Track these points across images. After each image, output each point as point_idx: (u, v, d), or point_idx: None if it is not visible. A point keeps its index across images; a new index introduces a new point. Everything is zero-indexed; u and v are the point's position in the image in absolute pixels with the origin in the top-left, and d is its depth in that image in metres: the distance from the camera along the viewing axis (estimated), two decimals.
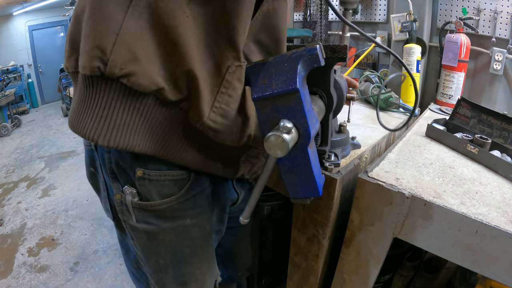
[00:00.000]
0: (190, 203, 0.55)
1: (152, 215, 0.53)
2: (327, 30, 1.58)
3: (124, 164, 0.50)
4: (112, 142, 0.44)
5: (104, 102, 0.43)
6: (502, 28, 1.07)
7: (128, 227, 0.57)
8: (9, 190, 2.88)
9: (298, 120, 0.42)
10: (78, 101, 0.46)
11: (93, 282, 1.76)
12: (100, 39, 0.40)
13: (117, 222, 0.60)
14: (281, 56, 0.43)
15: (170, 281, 0.62)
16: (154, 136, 0.46)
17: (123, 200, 0.53)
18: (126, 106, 0.43)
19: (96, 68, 0.41)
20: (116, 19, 0.40)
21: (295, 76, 0.41)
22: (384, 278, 1.00)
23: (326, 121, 0.64)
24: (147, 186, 0.51)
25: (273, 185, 0.80)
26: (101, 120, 0.44)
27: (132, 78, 0.41)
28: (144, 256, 0.60)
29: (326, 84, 0.62)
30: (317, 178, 0.48)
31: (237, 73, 0.45)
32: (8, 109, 4.82)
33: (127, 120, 0.44)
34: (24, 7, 5.60)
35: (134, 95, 0.43)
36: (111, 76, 0.41)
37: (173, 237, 0.57)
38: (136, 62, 0.41)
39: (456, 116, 0.91)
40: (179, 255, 0.59)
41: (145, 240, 0.57)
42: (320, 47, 0.41)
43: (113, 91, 0.43)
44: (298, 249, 0.79)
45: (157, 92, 0.42)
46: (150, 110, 0.44)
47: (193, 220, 0.57)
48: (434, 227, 0.55)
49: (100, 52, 0.40)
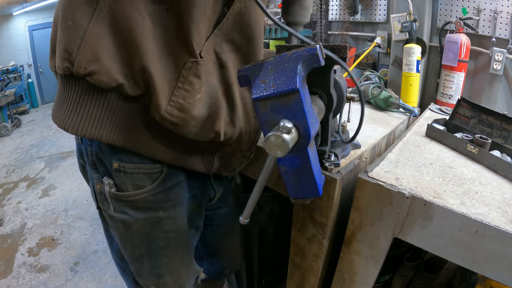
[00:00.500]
0: (163, 196, 0.58)
1: (127, 205, 0.57)
2: (327, 30, 1.58)
3: (103, 156, 0.55)
4: (80, 131, 0.49)
5: (74, 96, 0.49)
6: (502, 28, 1.07)
7: (107, 216, 0.60)
8: (9, 190, 2.88)
9: (298, 120, 0.42)
10: (57, 96, 0.53)
11: (93, 282, 1.76)
12: (68, 43, 0.46)
13: (100, 211, 0.63)
14: (281, 56, 0.43)
15: (147, 271, 0.66)
16: (120, 128, 0.50)
17: (102, 190, 0.57)
18: (92, 100, 0.49)
19: (66, 68, 0.47)
20: (81, 26, 0.45)
21: (295, 76, 0.41)
22: (384, 278, 1.00)
23: (326, 121, 0.64)
24: (123, 178, 0.55)
25: (273, 185, 0.80)
26: (72, 112, 0.49)
27: (95, 76, 0.46)
28: (122, 245, 0.64)
29: (326, 84, 0.61)
30: (317, 178, 0.48)
31: (193, 69, 0.48)
32: (8, 109, 4.82)
33: (93, 113, 0.49)
34: (24, 7, 5.60)
35: (98, 91, 0.48)
36: (77, 75, 0.46)
37: (147, 228, 0.60)
38: (98, 62, 0.45)
39: (456, 116, 0.91)
40: (153, 247, 0.63)
41: (122, 230, 0.60)
42: (320, 47, 0.42)
43: (81, 88, 0.49)
44: (298, 249, 0.79)
45: (118, 88, 0.47)
46: (114, 105, 0.49)
47: (166, 213, 0.60)
48: (434, 227, 0.55)
49: (68, 55, 0.46)
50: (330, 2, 1.54)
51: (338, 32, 1.57)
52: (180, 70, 0.48)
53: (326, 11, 1.55)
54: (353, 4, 1.41)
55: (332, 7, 1.54)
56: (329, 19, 1.57)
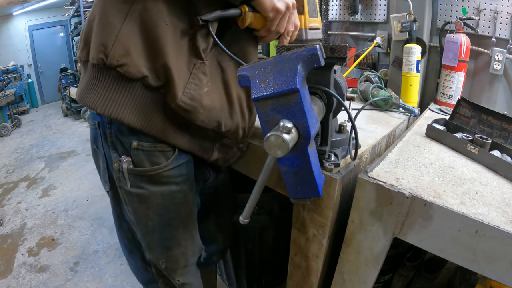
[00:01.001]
0: (175, 171, 0.68)
1: (144, 180, 0.66)
2: (327, 30, 1.58)
3: (122, 137, 0.64)
4: (107, 111, 0.59)
5: (104, 83, 0.59)
6: (502, 28, 1.07)
7: (123, 192, 0.68)
8: (9, 190, 2.88)
9: (298, 120, 0.42)
10: (87, 82, 0.62)
11: (93, 282, 1.76)
12: (104, 39, 0.56)
13: (113, 192, 0.72)
14: (281, 56, 0.43)
15: (157, 244, 0.74)
16: (140, 113, 0.60)
17: (120, 168, 0.65)
18: (120, 87, 0.59)
19: (100, 59, 0.57)
20: (116, 26, 0.56)
21: (295, 76, 0.41)
22: (384, 278, 1.00)
23: (326, 121, 0.64)
24: (141, 156, 0.64)
25: (273, 185, 0.80)
26: (102, 95, 0.59)
27: (125, 68, 0.56)
28: (136, 219, 0.71)
29: (326, 84, 0.61)
30: (317, 178, 0.48)
31: (201, 68, 0.61)
32: (8, 109, 4.82)
33: (120, 98, 0.59)
34: (24, 7, 5.61)
35: (126, 80, 0.58)
36: (110, 65, 0.56)
37: (160, 200, 0.69)
38: (128, 56, 0.56)
39: (456, 116, 0.91)
40: (165, 219, 0.71)
41: (137, 204, 0.68)
42: (320, 47, 0.42)
43: (111, 76, 0.59)
44: (298, 249, 0.79)
45: (142, 79, 0.57)
46: (137, 93, 0.59)
47: (178, 187, 0.70)
48: (434, 227, 0.55)
49: (104, 48, 0.56)
50: (330, 2, 1.54)
51: (338, 32, 1.57)
52: (191, 69, 0.60)
53: (326, 11, 1.55)
54: (353, 4, 1.41)
55: (332, 7, 1.54)
56: (329, 19, 1.57)
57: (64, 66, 6.22)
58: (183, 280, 0.82)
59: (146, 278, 0.84)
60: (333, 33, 1.59)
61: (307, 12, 0.82)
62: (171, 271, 0.79)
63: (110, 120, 0.64)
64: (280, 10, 0.62)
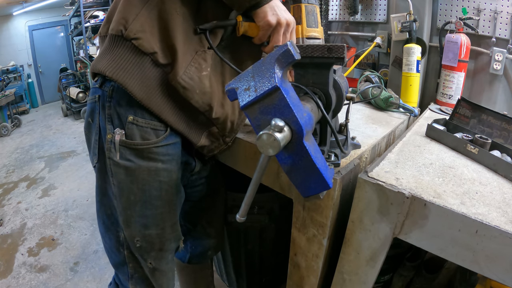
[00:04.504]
0: (163, 150, 0.72)
1: (133, 153, 0.70)
2: (327, 30, 1.58)
3: (119, 110, 0.69)
4: (115, 76, 0.66)
5: (118, 52, 0.67)
6: (502, 28, 1.07)
7: (111, 163, 0.72)
8: (9, 190, 2.88)
9: (286, 116, 0.43)
10: (102, 52, 0.70)
11: (93, 282, 1.76)
12: (126, 14, 0.65)
13: (100, 165, 0.75)
14: (259, 62, 0.45)
15: (135, 220, 0.76)
16: (143, 85, 0.66)
17: (113, 139, 0.70)
18: (131, 58, 0.66)
19: (120, 30, 0.65)
20: (138, 7, 0.65)
21: (272, 75, 0.42)
22: (384, 278, 1.00)
23: (325, 121, 0.64)
24: (134, 130, 0.69)
25: (271, 184, 0.80)
26: (113, 62, 0.66)
27: (139, 41, 0.64)
28: (119, 191, 0.74)
29: (325, 84, 0.62)
30: (322, 170, 0.48)
31: (202, 55, 0.69)
32: (8, 109, 4.82)
33: (130, 67, 0.66)
34: (24, 7, 5.61)
35: (138, 53, 0.66)
36: (127, 37, 0.65)
37: (146, 175, 0.73)
38: (144, 32, 0.65)
39: (456, 116, 0.91)
40: (147, 195, 0.74)
41: (123, 176, 0.72)
42: (291, 43, 0.44)
43: (125, 47, 0.66)
44: (298, 249, 0.79)
45: (152, 55, 0.65)
46: (145, 66, 0.66)
47: (164, 165, 0.74)
48: (434, 227, 0.55)
49: (125, 22, 0.65)
50: (330, 2, 1.54)
51: (338, 32, 1.58)
52: (194, 55, 0.68)
53: (326, 11, 1.55)
54: (353, 4, 1.41)
55: (332, 7, 1.54)
56: (329, 19, 1.57)
57: (64, 66, 6.23)
58: (156, 265, 0.81)
59: (117, 259, 0.83)
60: (333, 33, 1.59)
61: (305, 23, 0.86)
62: (145, 251, 0.79)
63: (111, 94, 0.69)
64: (270, 23, 0.67)
